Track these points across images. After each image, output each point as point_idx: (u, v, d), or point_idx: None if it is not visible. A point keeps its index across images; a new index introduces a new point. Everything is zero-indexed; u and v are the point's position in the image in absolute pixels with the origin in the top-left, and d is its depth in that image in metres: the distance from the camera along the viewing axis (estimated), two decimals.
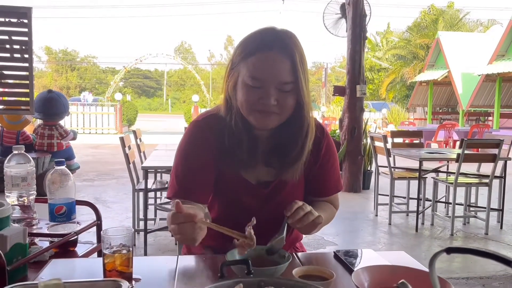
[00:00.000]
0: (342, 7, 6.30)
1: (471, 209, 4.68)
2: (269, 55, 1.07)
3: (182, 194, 1.19)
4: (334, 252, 1.20)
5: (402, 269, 0.94)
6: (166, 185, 3.88)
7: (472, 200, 4.74)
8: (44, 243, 1.43)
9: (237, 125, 1.15)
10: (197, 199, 1.19)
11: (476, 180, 4.30)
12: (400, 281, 0.71)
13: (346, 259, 1.14)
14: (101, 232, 0.98)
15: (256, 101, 1.09)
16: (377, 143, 4.69)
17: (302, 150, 1.17)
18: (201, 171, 1.19)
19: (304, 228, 1.09)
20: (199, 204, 1.19)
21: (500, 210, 4.39)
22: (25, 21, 3.51)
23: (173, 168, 1.23)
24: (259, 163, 1.20)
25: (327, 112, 19.59)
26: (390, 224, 4.45)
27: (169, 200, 4.30)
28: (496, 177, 4.09)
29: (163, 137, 13.26)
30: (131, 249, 0.99)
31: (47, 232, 1.44)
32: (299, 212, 1.07)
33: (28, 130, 6.00)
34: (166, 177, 4.59)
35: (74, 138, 5.87)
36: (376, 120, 18.00)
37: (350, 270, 1.07)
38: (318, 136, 1.24)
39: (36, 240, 1.44)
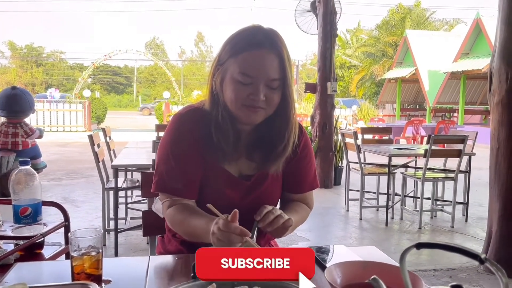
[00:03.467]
0: (313, 4, 6.35)
1: (438, 203, 4.82)
2: (259, 52, 1.11)
3: (170, 189, 1.20)
4: None
5: (374, 265, 0.96)
6: (137, 184, 3.82)
7: (439, 194, 4.88)
8: (9, 246, 1.38)
9: (224, 119, 1.17)
10: (184, 194, 1.20)
11: (442, 175, 4.43)
12: (372, 277, 0.72)
13: (318, 256, 1.15)
14: (69, 234, 0.95)
15: (245, 97, 1.12)
16: (347, 140, 4.76)
17: (288, 145, 1.21)
18: (189, 165, 1.20)
19: (275, 231, 1.10)
20: (188, 200, 1.20)
21: (465, 204, 4.54)
22: None
23: (157, 162, 1.23)
24: (242, 156, 1.23)
25: (298, 109, 19.75)
26: (361, 219, 4.53)
27: (141, 199, 4.24)
28: (461, 171, 4.23)
29: (133, 135, 13.05)
30: (100, 250, 0.96)
31: (12, 234, 1.39)
32: (269, 216, 1.08)
33: None
34: (137, 176, 4.51)
35: (40, 136, 5.68)
36: (346, 117, 18.30)
37: (322, 267, 1.08)
38: (297, 134, 1.27)
39: (0, 243, 1.38)
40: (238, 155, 1.22)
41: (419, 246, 0.68)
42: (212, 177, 1.23)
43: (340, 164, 6.40)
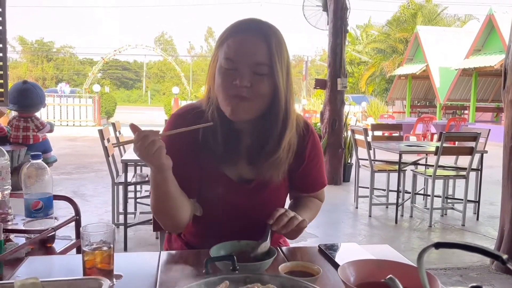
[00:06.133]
0: (324, 0, 6.30)
1: (449, 201, 4.77)
2: (244, 36, 1.07)
3: None
4: (318, 246, 1.19)
5: (388, 263, 0.94)
6: (147, 179, 3.83)
7: (450, 192, 4.83)
8: (20, 240, 1.38)
9: (213, 116, 1.12)
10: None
11: (453, 173, 4.38)
12: (388, 277, 0.71)
13: (330, 253, 1.14)
14: (81, 228, 0.95)
15: (230, 85, 1.06)
16: (357, 136, 4.72)
17: (279, 144, 1.11)
18: (182, 166, 1.13)
19: (290, 233, 1.09)
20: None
21: (477, 202, 4.49)
22: None
23: None
24: (242, 160, 1.16)
25: (307, 105, 19.68)
26: (370, 216, 4.50)
27: (149, 194, 4.25)
28: (473, 169, 4.18)
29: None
30: (112, 245, 0.96)
31: (23, 228, 1.39)
32: (283, 219, 1.06)
33: (3, 122, 5.82)
34: (146, 170, 4.52)
35: (51, 131, 5.72)
36: (356, 113, 18.18)
37: (335, 264, 1.06)
38: (303, 134, 1.21)
39: (12, 236, 1.39)
40: (237, 157, 1.15)
41: (438, 245, 0.67)
42: (210, 181, 1.16)
43: (349, 161, 6.37)
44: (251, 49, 1.05)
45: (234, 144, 1.13)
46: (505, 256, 0.60)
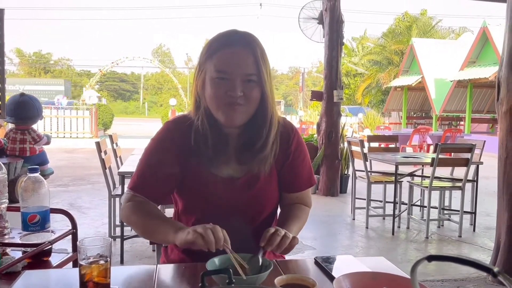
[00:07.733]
0: (320, 13, 6.37)
1: (445, 212, 4.78)
2: (234, 50, 1.15)
3: (139, 188, 1.24)
4: (314, 258, 1.20)
5: (383, 276, 0.95)
6: None
7: (446, 203, 4.84)
8: (16, 253, 1.38)
9: (203, 123, 1.20)
10: (151, 195, 1.24)
11: (449, 184, 4.39)
12: None
13: (326, 266, 1.14)
14: (78, 242, 0.95)
15: (223, 95, 1.14)
16: (354, 148, 4.74)
17: (267, 140, 1.21)
18: (161, 169, 1.23)
19: (283, 251, 1.12)
20: (152, 202, 1.24)
21: (473, 213, 4.50)
22: None
23: (138, 164, 1.30)
24: (232, 161, 1.24)
25: (304, 116, 19.75)
26: (367, 227, 4.50)
27: None
28: (468, 180, 4.19)
29: (140, 141, 13.07)
30: (108, 259, 0.96)
31: (20, 242, 1.39)
32: (275, 239, 1.08)
33: None
34: None
35: (48, 143, 5.71)
36: (352, 125, 18.26)
37: (330, 277, 1.07)
38: (287, 133, 1.30)
39: (8, 250, 1.39)
40: (227, 158, 1.23)
41: (430, 258, 0.68)
42: (197, 180, 1.24)
43: (346, 172, 6.38)
44: (241, 62, 1.14)
45: (223, 147, 1.22)
46: (496, 269, 0.61)
